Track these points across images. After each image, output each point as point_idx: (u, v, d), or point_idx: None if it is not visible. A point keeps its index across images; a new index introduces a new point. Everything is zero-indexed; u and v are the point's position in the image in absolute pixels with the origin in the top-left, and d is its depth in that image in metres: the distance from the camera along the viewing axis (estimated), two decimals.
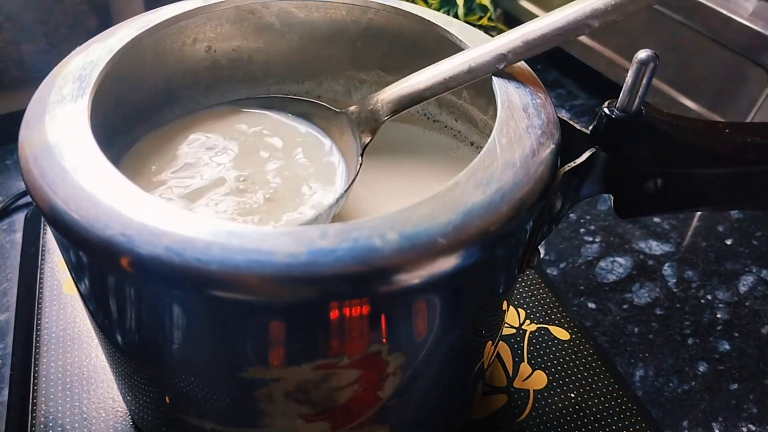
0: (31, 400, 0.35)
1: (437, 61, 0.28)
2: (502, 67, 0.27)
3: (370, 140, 0.29)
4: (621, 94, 0.24)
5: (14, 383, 0.37)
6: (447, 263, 0.21)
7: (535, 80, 0.28)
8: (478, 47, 0.27)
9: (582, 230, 0.50)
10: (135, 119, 0.33)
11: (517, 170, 0.23)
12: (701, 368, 0.40)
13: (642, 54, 0.23)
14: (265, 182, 0.29)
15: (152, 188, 0.28)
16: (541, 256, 0.46)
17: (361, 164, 0.28)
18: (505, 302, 0.30)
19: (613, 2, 0.24)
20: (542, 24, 0.25)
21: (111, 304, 0.24)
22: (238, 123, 0.32)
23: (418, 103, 0.28)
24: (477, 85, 0.28)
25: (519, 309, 0.42)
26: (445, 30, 0.31)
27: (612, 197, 0.27)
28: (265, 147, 0.31)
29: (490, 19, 0.65)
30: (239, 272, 0.19)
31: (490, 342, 0.31)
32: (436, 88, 0.28)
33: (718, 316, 0.44)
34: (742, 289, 0.46)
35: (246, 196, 0.28)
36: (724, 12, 0.48)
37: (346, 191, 0.27)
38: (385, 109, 0.28)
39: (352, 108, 0.30)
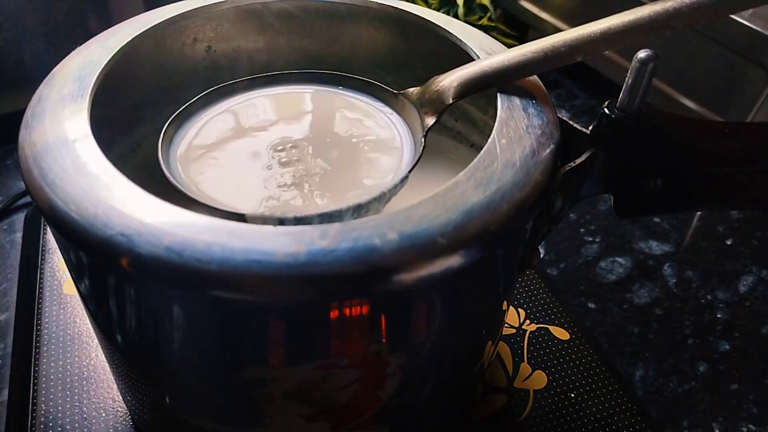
0: (31, 400, 0.35)
1: (437, 61, 0.28)
2: (580, 59, 0.25)
3: (435, 122, 0.27)
4: (621, 94, 0.24)
5: (14, 383, 0.37)
6: (447, 263, 0.21)
7: (535, 80, 0.28)
8: (557, 36, 0.26)
9: (582, 230, 0.50)
10: (135, 119, 0.33)
11: (517, 170, 0.23)
12: (701, 368, 0.40)
13: (642, 54, 0.23)
14: (324, 156, 0.28)
15: (210, 159, 0.27)
16: (541, 256, 0.46)
17: (424, 146, 0.27)
18: (505, 302, 0.30)
19: (696, 5, 0.23)
20: (624, 19, 0.24)
21: (111, 304, 0.24)
22: (293, 94, 0.31)
23: (487, 88, 0.27)
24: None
25: (519, 309, 0.42)
26: (445, 30, 0.31)
27: (612, 197, 0.27)
28: (323, 119, 0.29)
29: (490, 19, 0.65)
30: (239, 272, 0.19)
31: (490, 342, 0.31)
32: (508, 74, 0.26)
33: (718, 316, 0.44)
34: (742, 289, 0.46)
35: (303, 167, 0.27)
36: None
37: (410, 171, 0.26)
38: (452, 91, 0.27)
39: (412, 89, 0.29)
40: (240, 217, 0.23)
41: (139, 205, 0.21)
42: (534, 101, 0.26)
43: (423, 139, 0.27)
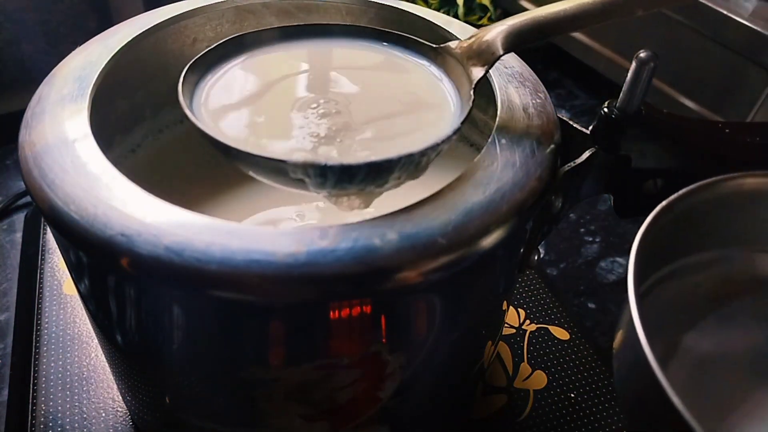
0: (31, 400, 0.35)
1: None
2: (640, 13, 0.24)
3: (484, 74, 0.25)
4: (621, 94, 0.24)
5: (14, 383, 0.37)
6: (447, 263, 0.21)
7: (535, 80, 0.28)
8: None
9: (582, 230, 0.50)
10: (135, 119, 0.33)
11: (517, 170, 0.23)
12: None
13: (642, 54, 0.23)
14: (365, 110, 0.26)
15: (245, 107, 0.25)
16: (541, 256, 0.46)
17: (473, 99, 0.25)
18: (505, 302, 0.30)
19: None
20: None
21: (111, 304, 0.24)
22: (327, 47, 0.28)
23: (541, 40, 0.25)
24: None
25: (519, 309, 0.42)
26: (445, 30, 0.31)
27: (612, 197, 0.27)
28: (361, 73, 0.28)
29: (490, 19, 0.65)
30: (239, 272, 0.19)
31: (490, 342, 0.31)
32: (563, 24, 0.24)
33: None
34: None
35: (342, 121, 0.25)
36: (724, 12, 0.48)
37: (462, 122, 0.24)
38: (502, 41, 0.25)
39: (453, 43, 0.27)
40: (281, 164, 0.21)
41: (139, 205, 0.21)
42: (534, 101, 0.26)
43: (472, 92, 0.25)
